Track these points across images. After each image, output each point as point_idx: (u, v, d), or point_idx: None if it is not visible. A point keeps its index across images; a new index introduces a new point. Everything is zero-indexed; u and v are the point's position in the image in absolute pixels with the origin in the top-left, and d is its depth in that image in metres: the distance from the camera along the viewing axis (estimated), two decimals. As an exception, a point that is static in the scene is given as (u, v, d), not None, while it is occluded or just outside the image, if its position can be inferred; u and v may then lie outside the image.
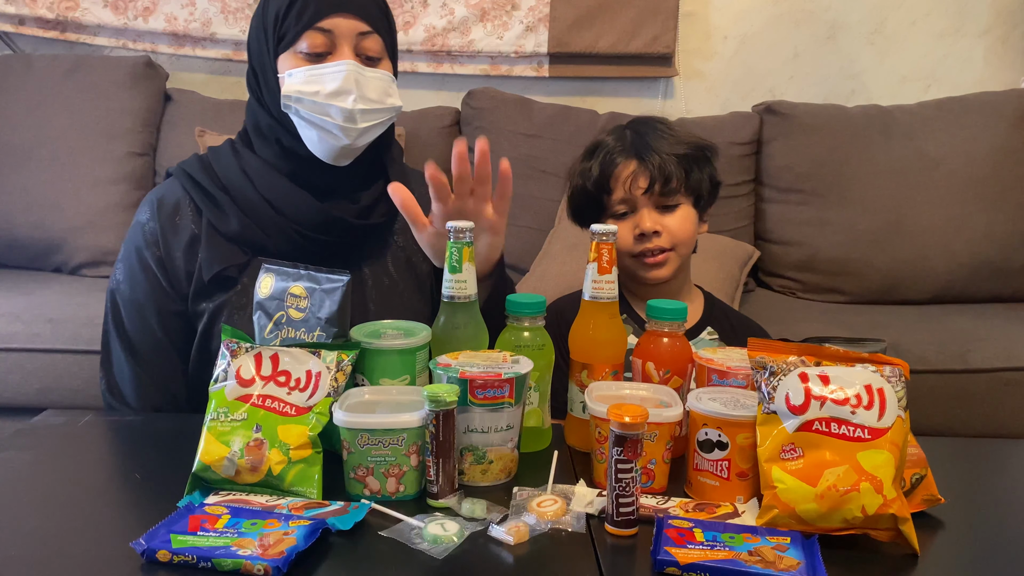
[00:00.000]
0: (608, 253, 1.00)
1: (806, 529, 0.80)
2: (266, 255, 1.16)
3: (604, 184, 1.34)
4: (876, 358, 0.85)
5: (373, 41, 1.16)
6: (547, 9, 2.67)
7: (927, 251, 2.36)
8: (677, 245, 1.32)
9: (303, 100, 1.13)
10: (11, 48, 2.68)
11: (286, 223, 1.16)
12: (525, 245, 2.44)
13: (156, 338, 1.18)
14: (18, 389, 1.87)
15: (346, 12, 1.13)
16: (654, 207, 1.32)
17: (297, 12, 1.12)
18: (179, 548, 0.73)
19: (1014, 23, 2.77)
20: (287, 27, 1.13)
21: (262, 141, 1.20)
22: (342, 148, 1.17)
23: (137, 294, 1.19)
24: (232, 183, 1.18)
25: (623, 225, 1.33)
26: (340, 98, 1.13)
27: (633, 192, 1.32)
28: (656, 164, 1.30)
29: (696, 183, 1.33)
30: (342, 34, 1.13)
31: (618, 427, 0.80)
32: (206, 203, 1.18)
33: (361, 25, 1.14)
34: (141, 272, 1.19)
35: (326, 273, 0.97)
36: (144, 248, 1.19)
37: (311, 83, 1.13)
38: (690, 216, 1.34)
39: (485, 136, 1.12)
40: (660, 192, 1.31)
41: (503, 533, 0.79)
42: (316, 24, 1.12)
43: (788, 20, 2.78)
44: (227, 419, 0.88)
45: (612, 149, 1.35)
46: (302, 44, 1.13)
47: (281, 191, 1.17)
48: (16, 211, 2.32)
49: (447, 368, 0.92)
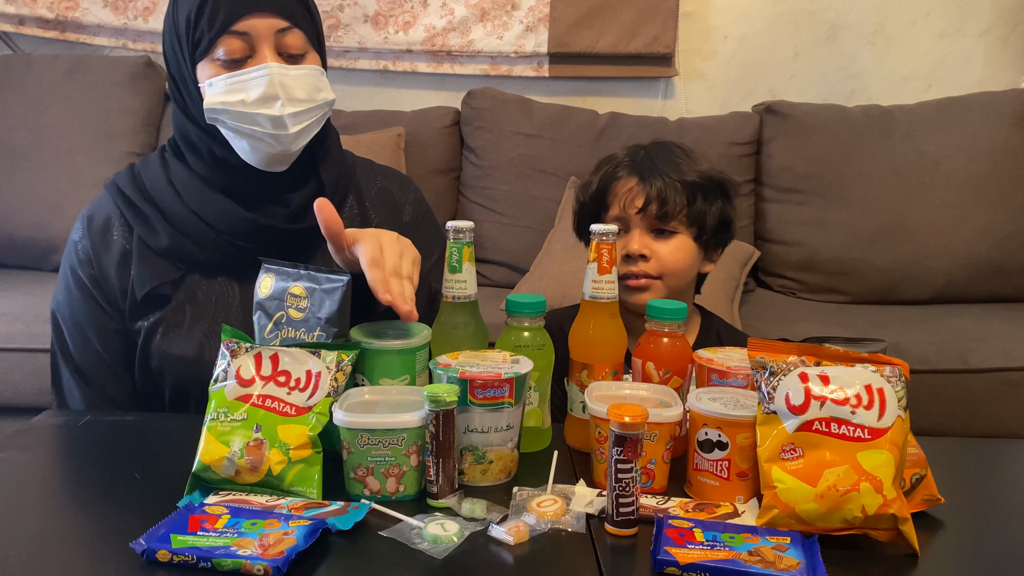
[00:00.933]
0: (608, 253, 1.00)
1: (806, 529, 0.80)
2: (199, 268, 1.14)
3: (601, 198, 1.30)
4: (876, 358, 0.85)
5: (294, 36, 1.09)
6: (547, 9, 2.67)
7: (927, 251, 2.37)
8: (665, 275, 1.27)
9: (228, 111, 1.07)
10: (11, 48, 2.68)
11: (216, 235, 1.12)
12: (525, 245, 2.45)
13: (99, 358, 1.15)
14: (18, 389, 1.87)
15: (260, 11, 1.06)
16: (647, 230, 1.27)
17: (209, 17, 1.05)
18: (179, 548, 0.73)
19: (1014, 23, 2.77)
20: (200, 33, 1.06)
21: (192, 153, 1.15)
22: (276, 155, 1.11)
23: (76, 314, 1.16)
24: (160, 196, 1.14)
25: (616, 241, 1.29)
26: (267, 105, 1.07)
27: (628, 210, 1.27)
28: (656, 185, 1.25)
29: (698, 214, 1.27)
30: (260, 35, 1.07)
31: (618, 427, 0.80)
32: (135, 218, 1.14)
33: (279, 22, 1.07)
34: (78, 292, 1.16)
35: (326, 273, 0.97)
36: (78, 267, 1.16)
37: (234, 92, 1.06)
38: (686, 247, 1.28)
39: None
40: (656, 215, 1.26)
41: (503, 533, 0.79)
42: (230, 28, 1.05)
43: (788, 20, 2.78)
44: (227, 419, 0.88)
45: (618, 164, 1.31)
46: (218, 51, 1.06)
47: (208, 203, 1.12)
48: (16, 211, 2.32)
49: (447, 368, 0.91)
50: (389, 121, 2.53)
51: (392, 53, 2.74)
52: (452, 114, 2.62)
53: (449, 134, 2.60)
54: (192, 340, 1.12)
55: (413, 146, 2.51)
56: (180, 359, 1.12)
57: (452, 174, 2.61)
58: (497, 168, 2.53)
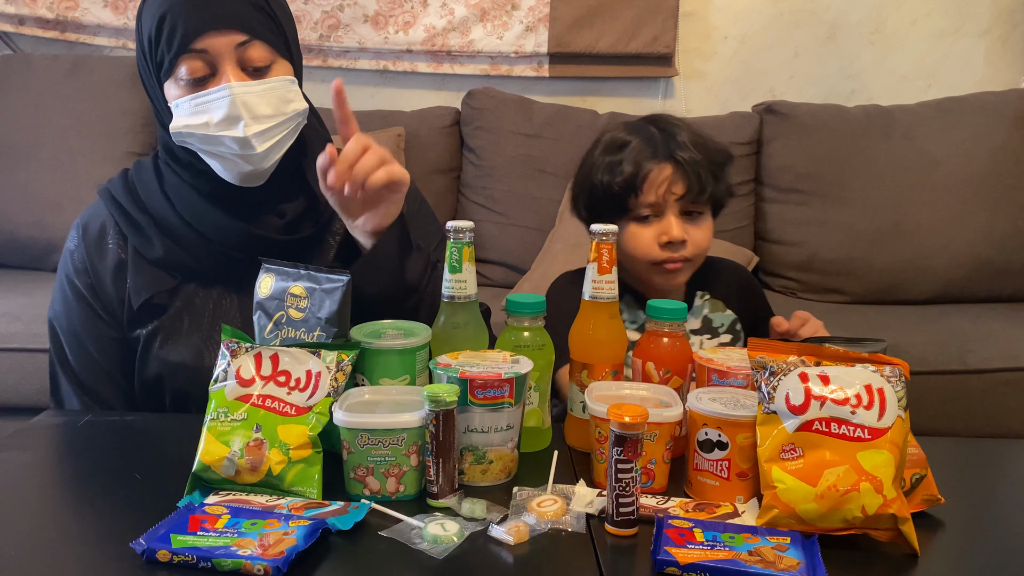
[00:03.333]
0: (608, 253, 0.99)
1: (806, 529, 0.80)
2: (195, 278, 1.14)
3: (634, 185, 1.26)
4: (876, 358, 0.85)
5: (256, 49, 1.05)
6: (547, 9, 2.67)
7: (927, 251, 2.37)
8: (696, 257, 1.29)
9: (194, 134, 1.05)
10: (11, 48, 2.68)
11: (210, 245, 1.12)
12: (525, 245, 2.45)
13: (97, 366, 1.15)
14: (18, 389, 1.87)
15: (217, 28, 1.03)
16: (679, 214, 1.27)
17: (167, 37, 1.03)
18: (179, 548, 0.73)
19: (1014, 23, 2.77)
20: (161, 54, 1.05)
21: (178, 165, 1.13)
22: (249, 172, 1.09)
23: (74, 323, 1.15)
24: (154, 205, 1.13)
25: (646, 230, 1.27)
26: (230, 126, 1.04)
27: (666, 197, 1.26)
28: (693, 169, 1.25)
29: (720, 193, 1.30)
30: (219, 52, 1.04)
31: (618, 427, 0.80)
32: (129, 228, 1.14)
33: (238, 36, 1.04)
34: (75, 300, 1.15)
35: (326, 273, 0.97)
36: (74, 276, 1.15)
37: (197, 114, 1.05)
38: (711, 226, 1.31)
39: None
40: (692, 201, 1.26)
41: (503, 533, 0.79)
42: (189, 47, 1.03)
43: (788, 20, 2.78)
44: (227, 419, 0.88)
45: (642, 148, 1.28)
46: (180, 71, 1.04)
47: (202, 213, 1.12)
48: (16, 211, 2.32)
49: (447, 368, 0.91)
50: (389, 121, 2.53)
51: (392, 53, 2.74)
52: (452, 114, 2.62)
53: (449, 134, 2.60)
54: (191, 347, 1.12)
55: (413, 146, 2.51)
56: (180, 366, 1.12)
57: (452, 174, 2.61)
58: (497, 168, 2.53)
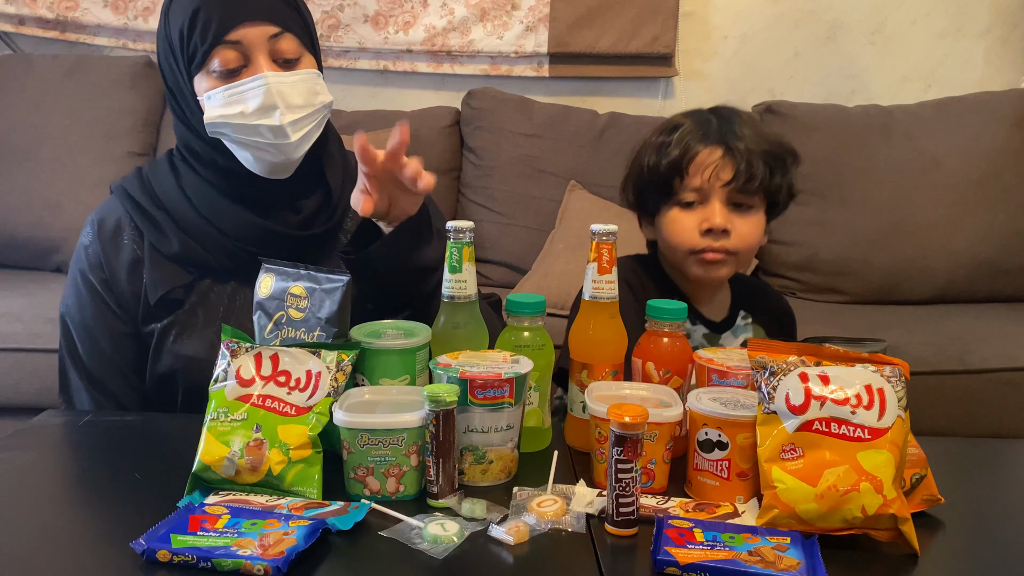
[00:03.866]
0: (608, 253, 0.99)
1: (806, 529, 0.80)
2: (211, 273, 1.15)
3: (680, 166, 1.21)
4: (876, 358, 0.85)
5: (287, 41, 1.09)
6: (547, 9, 2.67)
7: (927, 251, 2.37)
8: (741, 251, 1.23)
9: (229, 124, 1.07)
10: (11, 48, 2.68)
11: (228, 241, 1.13)
12: (526, 245, 2.45)
13: (109, 361, 1.16)
14: (18, 389, 1.87)
15: (251, 19, 1.06)
16: (727, 203, 1.22)
17: (201, 29, 1.05)
18: (179, 548, 0.73)
19: (1014, 23, 2.77)
20: (194, 47, 1.06)
21: (198, 163, 1.15)
22: (282, 163, 1.12)
23: (86, 318, 1.16)
24: (171, 202, 1.14)
25: (688, 216, 1.22)
26: (266, 115, 1.07)
27: (712, 182, 1.20)
28: (744, 156, 1.19)
29: (776, 188, 1.23)
30: (253, 43, 1.06)
31: (618, 427, 0.80)
32: (146, 224, 1.15)
33: (271, 28, 1.07)
34: (88, 295, 1.16)
35: (326, 273, 0.97)
36: (88, 271, 1.16)
37: (232, 104, 1.07)
38: (761, 223, 1.24)
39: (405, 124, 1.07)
40: (740, 188, 1.20)
41: (503, 533, 0.79)
42: (223, 38, 1.05)
43: (788, 20, 2.78)
44: (227, 419, 0.88)
45: (692, 132, 1.23)
46: (213, 62, 1.06)
47: (220, 209, 1.13)
48: (16, 211, 2.32)
49: (447, 368, 0.91)
50: (389, 121, 2.53)
51: (392, 53, 2.74)
52: (452, 114, 2.62)
53: (449, 134, 2.60)
54: (205, 341, 1.13)
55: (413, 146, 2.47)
56: (193, 360, 1.12)
57: (452, 174, 2.61)
58: (497, 168, 2.53)
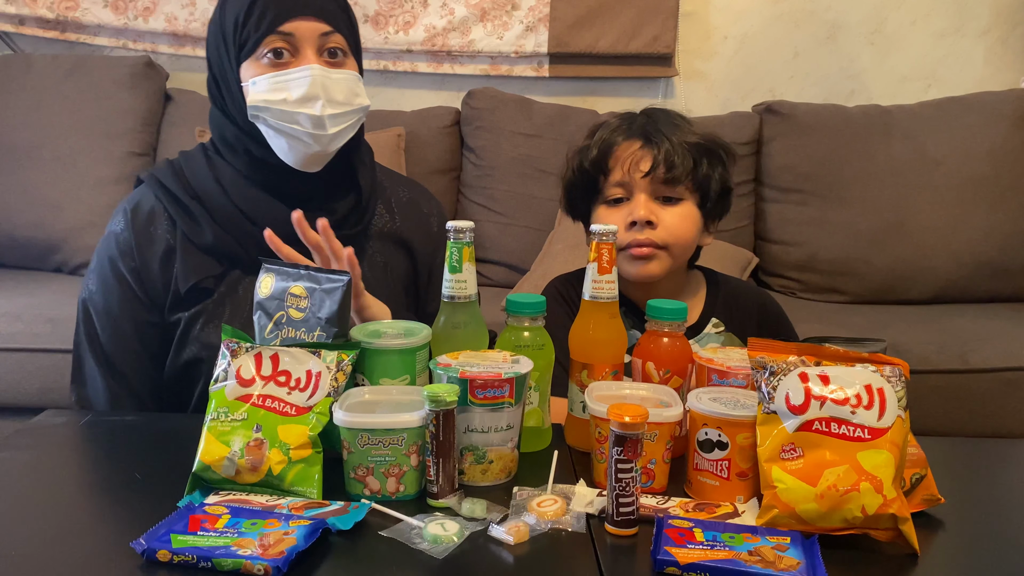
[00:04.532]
0: (608, 253, 0.99)
1: (806, 529, 0.80)
2: (241, 265, 1.16)
3: (602, 163, 1.23)
4: (876, 358, 0.85)
5: (336, 41, 1.14)
6: (547, 9, 2.67)
7: (927, 251, 2.37)
8: (671, 244, 1.21)
9: (270, 109, 1.10)
10: (11, 48, 2.68)
11: (260, 233, 1.12)
12: (525, 245, 2.45)
13: (132, 349, 1.17)
14: (18, 389, 1.87)
15: (306, 15, 1.11)
16: (653, 196, 1.21)
17: (256, 18, 1.10)
18: (179, 548, 0.73)
19: (1014, 23, 2.77)
20: (247, 34, 1.11)
21: (230, 152, 1.17)
22: (314, 155, 1.14)
23: (111, 305, 1.16)
24: (205, 192, 1.16)
25: (616, 213, 1.22)
26: (308, 104, 1.11)
27: (632, 175, 1.20)
28: (663, 148, 1.19)
29: (704, 179, 1.22)
30: (304, 37, 1.11)
31: (618, 427, 0.80)
32: (179, 213, 1.16)
33: (322, 26, 1.12)
34: (115, 282, 1.16)
35: (326, 273, 0.97)
36: (118, 259, 1.17)
37: (276, 90, 1.10)
38: (692, 215, 1.23)
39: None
40: (663, 179, 1.19)
41: (503, 533, 0.79)
42: (277, 29, 1.10)
43: (788, 20, 2.78)
44: (227, 419, 0.88)
45: (616, 128, 1.25)
46: (264, 50, 1.11)
47: (255, 201, 1.15)
48: (16, 211, 2.32)
49: (447, 368, 0.91)
50: (389, 121, 2.53)
51: (392, 53, 2.74)
52: (452, 114, 2.62)
53: (449, 134, 2.60)
54: None
55: (413, 146, 2.51)
56: (217, 348, 1.13)
57: (452, 174, 2.61)
58: (497, 168, 2.53)
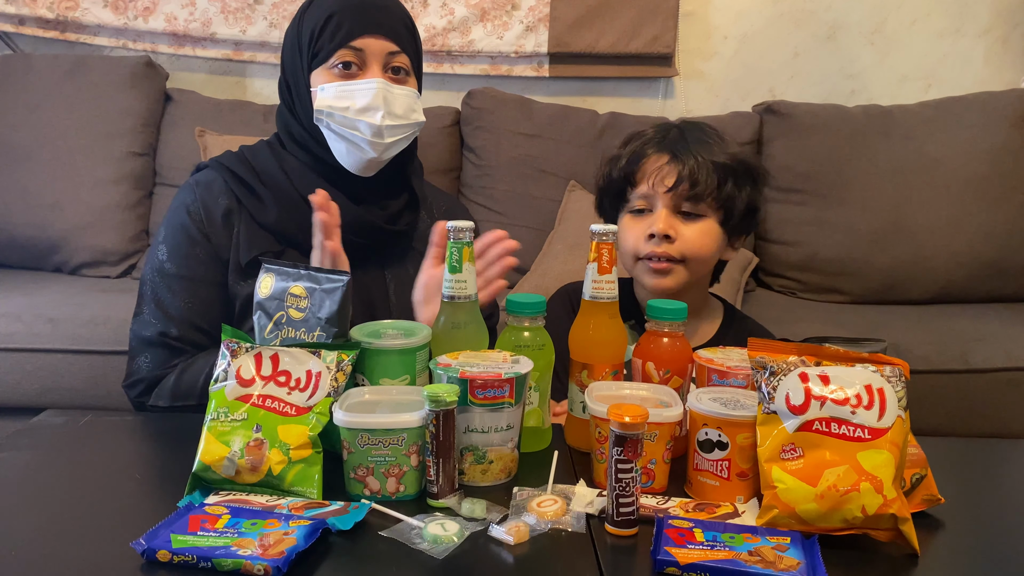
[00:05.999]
0: (608, 253, 0.99)
1: (806, 529, 0.80)
2: (298, 250, 1.21)
3: (630, 174, 1.26)
4: (876, 358, 0.85)
5: (401, 60, 1.23)
6: (547, 9, 2.67)
7: (927, 251, 2.36)
8: (689, 260, 1.22)
9: (334, 115, 1.20)
10: (11, 48, 2.68)
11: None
12: (525, 245, 2.42)
13: (209, 305, 1.20)
14: (18, 389, 1.87)
15: (376, 33, 1.21)
16: (674, 210, 1.23)
17: (331, 31, 1.20)
18: (179, 548, 0.73)
19: (1014, 23, 2.77)
20: (321, 44, 1.20)
21: (296, 147, 1.27)
22: (369, 161, 1.23)
23: (186, 267, 1.21)
24: (271, 178, 1.24)
25: (638, 223, 1.25)
26: (369, 114, 1.20)
27: (656, 188, 1.22)
28: (688, 164, 1.21)
29: (728, 198, 1.23)
30: (372, 53, 1.21)
31: (618, 427, 0.80)
32: (245, 193, 1.24)
33: (390, 45, 1.22)
34: (188, 246, 1.22)
35: (326, 273, 0.97)
36: (191, 224, 1.23)
37: (342, 98, 1.20)
38: (712, 232, 1.24)
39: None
40: (686, 196, 1.21)
41: (503, 533, 0.79)
42: (349, 43, 1.20)
43: (788, 20, 2.78)
44: (227, 419, 0.88)
45: (648, 140, 1.28)
46: (335, 61, 1.20)
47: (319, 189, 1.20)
48: (16, 211, 2.32)
49: (447, 368, 0.92)
50: (389, 121, 2.53)
51: (392, 53, 2.73)
52: (452, 114, 2.62)
53: (449, 134, 2.60)
54: None
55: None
56: None
57: (452, 174, 2.61)
58: (497, 168, 2.53)
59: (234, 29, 2.62)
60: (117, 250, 2.33)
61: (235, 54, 2.66)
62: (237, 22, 2.62)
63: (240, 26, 2.62)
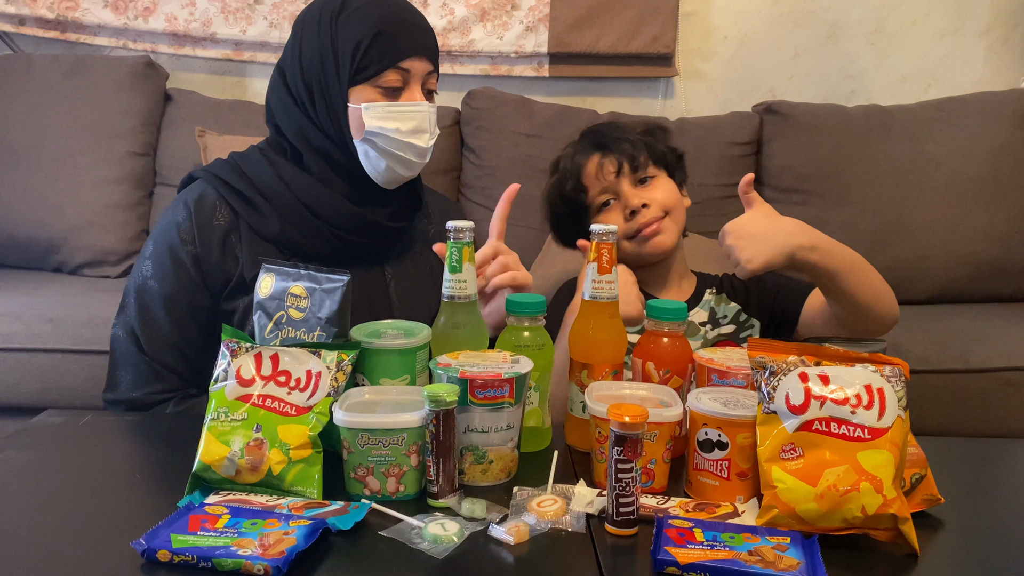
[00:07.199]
0: (608, 253, 1.00)
1: (806, 529, 0.80)
2: (303, 257, 1.20)
3: (577, 186, 1.40)
4: (876, 358, 0.85)
5: (433, 81, 1.26)
6: (547, 9, 2.66)
7: (927, 251, 2.36)
8: (671, 210, 1.38)
9: (384, 136, 1.20)
10: (11, 48, 2.68)
11: (324, 226, 1.21)
12: (525, 245, 2.44)
13: (184, 332, 1.19)
14: (18, 389, 1.87)
15: (421, 55, 1.22)
16: (633, 185, 1.38)
17: (380, 49, 1.19)
18: (179, 548, 0.73)
19: (1014, 23, 2.77)
20: (368, 61, 1.19)
21: (312, 153, 1.24)
22: (404, 178, 1.25)
23: (168, 290, 1.19)
24: (268, 188, 1.22)
25: (612, 213, 1.38)
26: (417, 136, 1.22)
27: (607, 179, 1.38)
28: (618, 146, 1.38)
29: (661, 154, 1.41)
30: (415, 74, 1.22)
31: (618, 427, 0.80)
32: (243, 206, 1.22)
33: (429, 66, 1.24)
34: (173, 269, 1.20)
35: (326, 273, 0.97)
36: (180, 246, 1.20)
37: (390, 119, 1.20)
38: (669, 184, 1.40)
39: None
40: (632, 169, 1.37)
41: (503, 533, 0.79)
42: (397, 64, 1.20)
43: (788, 20, 2.78)
44: (227, 419, 0.88)
45: (573, 154, 1.43)
46: (381, 80, 1.20)
47: (319, 196, 1.21)
48: (16, 211, 2.32)
49: (447, 368, 0.92)
50: (389, 121, 2.53)
51: (392, 53, 2.73)
52: (452, 114, 2.62)
53: (449, 134, 2.59)
54: None
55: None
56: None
57: (452, 174, 2.61)
58: (497, 168, 2.53)
59: (234, 29, 2.62)
60: (117, 250, 2.33)
61: (235, 54, 2.66)
62: (237, 22, 2.62)
63: (240, 26, 2.62)
